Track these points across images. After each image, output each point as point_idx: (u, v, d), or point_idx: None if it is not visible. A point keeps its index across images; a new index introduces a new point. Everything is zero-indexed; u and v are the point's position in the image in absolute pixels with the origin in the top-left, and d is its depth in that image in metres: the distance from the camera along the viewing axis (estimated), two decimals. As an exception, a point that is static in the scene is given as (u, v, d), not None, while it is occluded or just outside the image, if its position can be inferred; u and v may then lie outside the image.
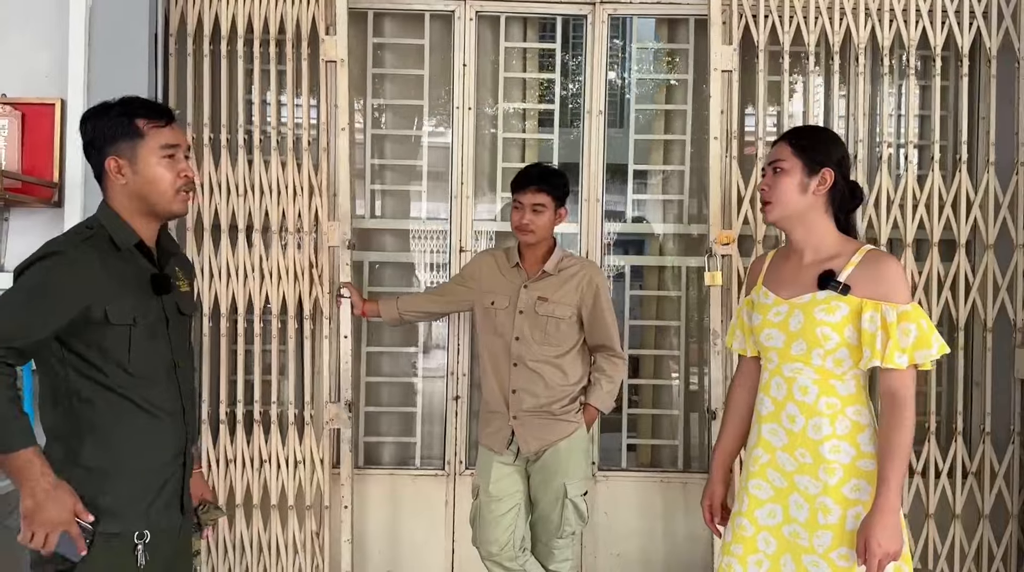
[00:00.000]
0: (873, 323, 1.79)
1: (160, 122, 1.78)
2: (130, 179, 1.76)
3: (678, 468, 3.40)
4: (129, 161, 1.75)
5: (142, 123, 1.76)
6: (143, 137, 1.75)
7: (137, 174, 1.76)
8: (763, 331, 1.93)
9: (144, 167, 1.76)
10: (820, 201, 1.91)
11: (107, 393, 1.72)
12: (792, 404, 1.87)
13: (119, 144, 1.75)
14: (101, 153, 1.76)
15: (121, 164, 1.75)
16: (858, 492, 1.81)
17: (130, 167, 1.75)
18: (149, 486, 1.77)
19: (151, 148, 1.76)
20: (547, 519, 2.72)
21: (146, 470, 1.77)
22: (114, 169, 1.75)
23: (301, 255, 3.13)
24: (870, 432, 1.84)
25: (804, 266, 1.92)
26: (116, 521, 1.71)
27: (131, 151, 1.75)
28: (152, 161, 1.76)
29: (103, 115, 1.76)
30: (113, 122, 1.75)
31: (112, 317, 1.71)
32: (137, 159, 1.75)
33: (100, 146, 1.76)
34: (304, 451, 3.15)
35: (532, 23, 3.43)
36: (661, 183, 3.51)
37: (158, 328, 1.80)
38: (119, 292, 1.73)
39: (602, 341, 2.77)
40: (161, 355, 1.80)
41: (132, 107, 1.77)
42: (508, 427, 2.71)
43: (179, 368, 1.85)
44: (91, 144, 1.78)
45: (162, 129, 1.78)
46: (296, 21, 3.10)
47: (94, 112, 1.79)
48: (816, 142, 1.94)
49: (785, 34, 3.13)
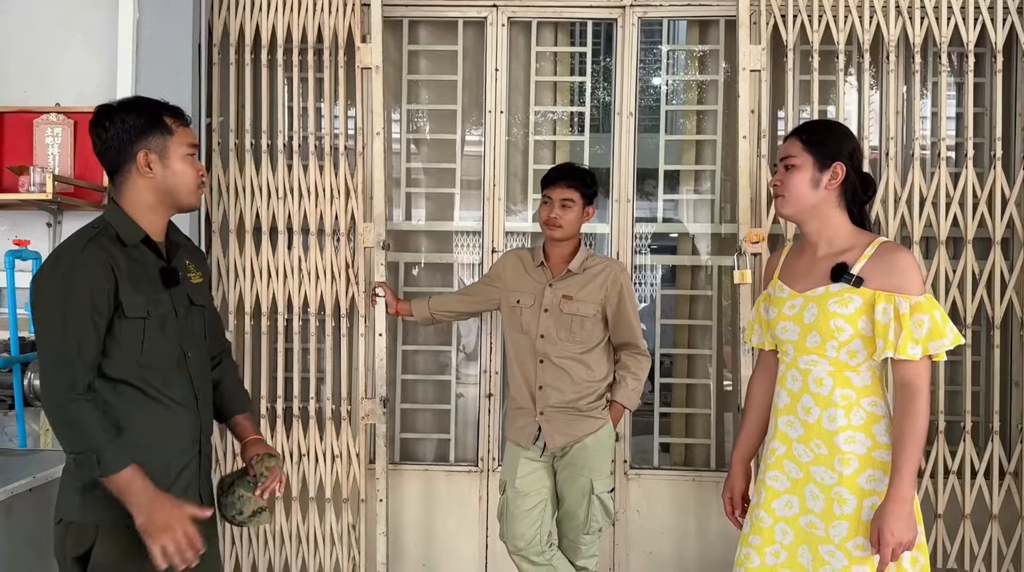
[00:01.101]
0: (886, 314, 1.80)
1: (183, 121, 1.87)
2: (159, 173, 1.81)
3: (711, 467, 3.41)
4: (160, 156, 1.81)
5: (170, 121, 1.84)
6: (172, 134, 1.82)
7: (167, 168, 1.82)
8: (778, 324, 1.96)
9: (174, 162, 1.83)
10: (832, 195, 1.93)
11: (120, 385, 1.77)
12: (807, 396, 1.89)
13: (150, 139, 1.80)
14: (129, 146, 1.79)
15: (151, 158, 1.80)
16: (873, 482, 1.82)
17: (160, 162, 1.81)
18: (163, 475, 1.79)
19: (179, 144, 1.83)
20: (573, 515, 2.76)
21: (159, 459, 1.79)
22: (144, 163, 1.79)
23: (338, 256, 3.23)
24: (886, 423, 1.85)
25: (818, 259, 1.93)
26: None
27: (162, 146, 1.81)
28: (179, 157, 1.84)
29: (130, 111, 1.80)
30: (145, 117, 1.81)
31: (128, 310, 1.75)
32: (168, 154, 1.82)
33: (129, 139, 1.79)
34: (341, 446, 3.25)
35: (563, 27, 3.49)
36: (693, 183, 3.53)
37: (168, 320, 1.83)
38: (131, 286, 1.77)
39: (627, 339, 2.80)
40: (171, 347, 1.84)
41: (158, 106, 1.85)
42: (535, 423, 2.76)
43: (189, 358, 1.88)
44: (115, 139, 1.79)
45: (186, 128, 1.87)
46: (333, 30, 3.21)
47: (118, 108, 1.82)
48: (826, 137, 1.95)
49: (814, 33, 3.14)
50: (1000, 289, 3.08)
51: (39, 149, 3.05)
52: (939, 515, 3.10)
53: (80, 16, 3.11)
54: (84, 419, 1.69)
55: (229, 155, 3.25)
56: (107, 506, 1.73)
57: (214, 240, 3.25)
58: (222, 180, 3.25)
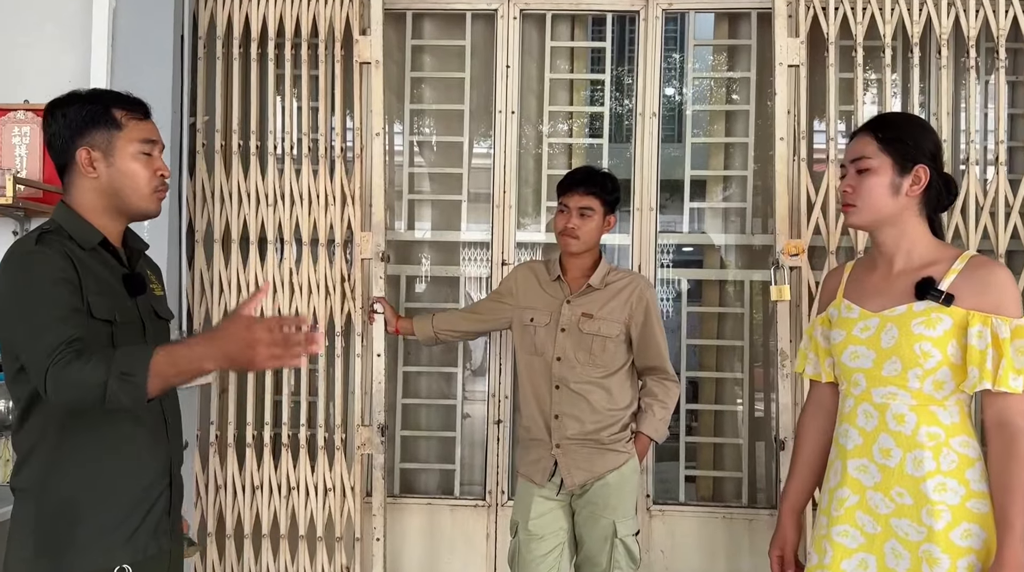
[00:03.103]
0: (982, 339, 1.51)
1: (139, 115, 1.64)
2: (103, 173, 1.60)
3: (742, 503, 3.10)
4: (104, 153, 1.60)
5: (120, 114, 1.62)
6: (121, 128, 1.61)
7: (112, 167, 1.61)
8: (846, 349, 1.66)
9: (120, 160, 1.61)
10: (914, 202, 1.65)
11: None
12: (886, 435, 1.59)
13: (93, 134, 1.60)
14: (70, 143, 1.60)
15: (94, 156, 1.60)
16: (970, 539, 1.53)
17: (104, 160, 1.60)
18: (133, 511, 1.59)
19: (129, 140, 1.62)
20: (594, 561, 2.45)
21: (129, 492, 1.60)
22: (85, 161, 1.59)
23: (333, 269, 2.95)
24: (980, 467, 1.56)
25: (895, 275, 1.65)
26: (97, 556, 1.54)
27: (106, 142, 1.60)
28: (129, 155, 1.61)
29: (74, 103, 1.61)
30: (87, 110, 1.60)
31: (95, 310, 1.53)
32: (113, 151, 1.60)
33: (70, 136, 1.60)
34: (334, 478, 2.95)
35: (580, 20, 3.22)
36: (721, 190, 3.24)
37: (135, 331, 1.63)
38: (95, 286, 1.56)
39: (653, 363, 2.51)
40: None
41: (108, 97, 1.63)
42: (550, 456, 2.46)
43: None
44: (57, 135, 1.61)
45: (141, 122, 1.64)
46: (329, 22, 2.95)
47: (63, 100, 1.63)
48: (906, 134, 1.66)
49: (858, 25, 2.86)
50: (1067, 308, 2.78)
51: (5, 150, 2.79)
52: None
53: (51, 4, 2.84)
54: (73, 373, 1.39)
55: (215, 158, 2.97)
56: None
57: (197, 251, 2.96)
58: (207, 185, 2.97)
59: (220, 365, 1.40)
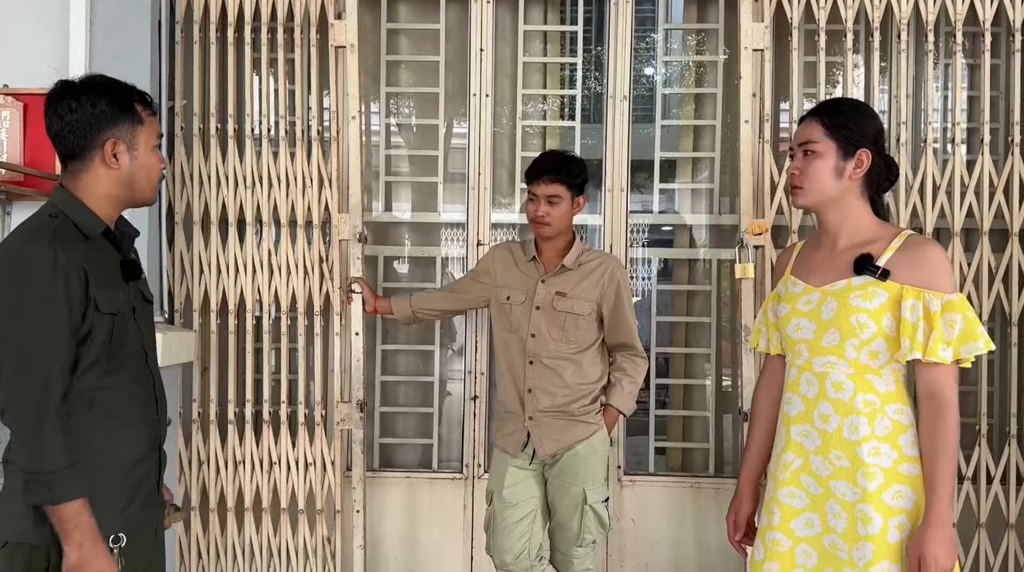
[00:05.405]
0: (915, 312, 1.61)
1: (152, 110, 1.71)
2: (125, 165, 1.66)
3: (710, 473, 3.21)
4: (128, 146, 1.66)
5: (140, 109, 1.68)
6: (143, 123, 1.68)
7: (135, 160, 1.67)
8: (790, 321, 1.76)
9: (143, 154, 1.68)
10: (856, 184, 1.74)
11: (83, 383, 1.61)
12: (826, 402, 1.69)
13: (120, 126, 1.65)
14: (96, 133, 1.63)
15: (119, 148, 1.65)
16: (900, 500, 1.63)
17: (128, 153, 1.66)
18: (126, 484, 1.67)
19: (150, 135, 1.70)
20: (566, 527, 2.56)
21: (122, 466, 1.67)
22: (111, 152, 1.64)
23: (311, 250, 3.02)
24: (912, 433, 1.66)
25: (838, 252, 1.75)
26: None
27: (131, 136, 1.66)
28: (149, 149, 1.69)
29: (102, 93, 1.64)
30: (118, 102, 1.64)
31: (101, 305, 1.60)
32: (137, 145, 1.67)
33: (98, 126, 1.62)
34: (315, 453, 3.03)
35: (552, 5, 3.28)
36: (691, 171, 3.32)
37: (128, 317, 1.69)
38: (102, 282, 1.62)
39: (623, 340, 2.60)
40: (133, 344, 1.70)
41: (129, 90, 1.68)
42: (524, 428, 2.55)
43: (148, 357, 1.75)
44: (81, 123, 1.62)
45: (153, 117, 1.72)
46: (305, 6, 2.99)
47: (87, 87, 1.64)
48: (850, 119, 1.75)
49: (820, 10, 2.94)
50: (1018, 283, 2.89)
51: (-14, 134, 2.82)
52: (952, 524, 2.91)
53: (29, -10, 2.87)
54: (50, 438, 1.52)
55: (193, 141, 3.02)
56: None
57: (177, 233, 3.02)
58: (186, 168, 3.03)
59: (71, 556, 1.53)
